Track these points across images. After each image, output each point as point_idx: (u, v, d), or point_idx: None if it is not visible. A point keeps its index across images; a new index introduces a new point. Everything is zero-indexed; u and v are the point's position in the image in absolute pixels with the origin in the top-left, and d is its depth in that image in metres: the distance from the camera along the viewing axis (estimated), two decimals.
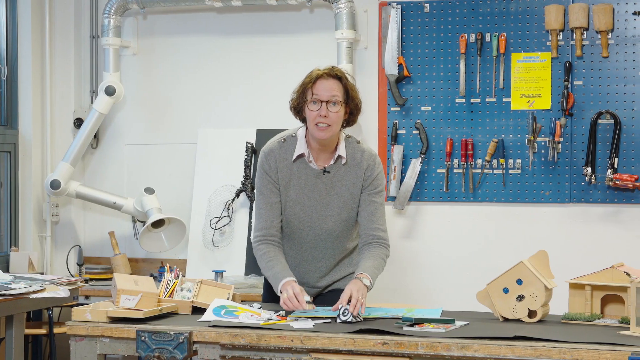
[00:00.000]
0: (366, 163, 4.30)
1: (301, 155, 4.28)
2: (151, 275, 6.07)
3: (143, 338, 3.74)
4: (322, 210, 4.29)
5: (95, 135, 6.75)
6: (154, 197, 6.45)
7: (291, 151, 4.29)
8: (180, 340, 3.69)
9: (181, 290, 4.19)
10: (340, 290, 4.18)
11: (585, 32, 5.92)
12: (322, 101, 4.15)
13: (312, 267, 4.39)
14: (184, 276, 4.28)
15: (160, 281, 4.24)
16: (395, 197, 6.19)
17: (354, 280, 4.08)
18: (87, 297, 6.06)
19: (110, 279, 4.99)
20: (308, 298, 4.08)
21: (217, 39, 6.67)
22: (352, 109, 4.25)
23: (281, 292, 4.14)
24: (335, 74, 4.20)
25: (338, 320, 3.85)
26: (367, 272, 4.14)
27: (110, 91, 6.48)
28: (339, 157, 4.28)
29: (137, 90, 6.78)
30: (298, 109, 4.26)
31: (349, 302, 3.92)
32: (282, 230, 4.36)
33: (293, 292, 4.07)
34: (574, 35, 5.90)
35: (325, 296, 4.43)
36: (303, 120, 4.28)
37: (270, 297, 4.39)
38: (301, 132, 4.31)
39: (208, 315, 3.94)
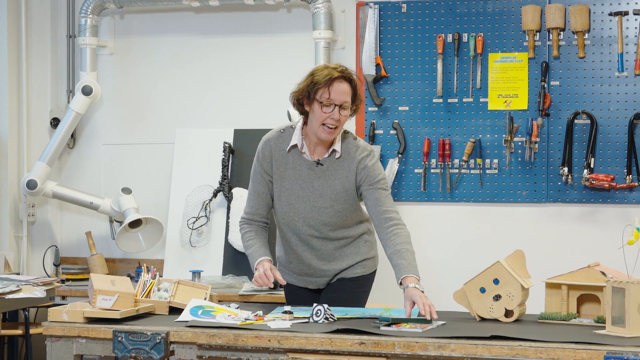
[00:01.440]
0: (359, 157, 4.34)
1: (295, 146, 4.33)
2: (128, 275, 6.04)
3: (120, 338, 3.73)
4: (315, 201, 4.33)
5: (72, 135, 6.72)
6: (131, 197, 6.43)
7: (287, 141, 4.35)
8: (157, 341, 3.69)
9: (158, 290, 4.19)
10: (348, 280, 4.38)
11: (561, 33, 5.94)
12: (335, 105, 4.20)
13: (313, 255, 4.41)
14: (161, 276, 4.27)
15: (137, 281, 4.23)
16: None
17: (407, 290, 4.00)
18: (63, 297, 6.03)
19: (87, 279, 4.97)
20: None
21: (195, 38, 6.66)
22: (354, 109, 4.32)
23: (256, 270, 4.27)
24: (348, 77, 4.25)
25: (311, 321, 3.85)
26: (412, 272, 4.08)
27: (87, 91, 6.46)
28: (334, 151, 4.32)
29: (114, 90, 6.76)
30: (301, 102, 4.28)
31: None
32: (280, 220, 4.41)
33: (263, 269, 4.19)
34: (551, 35, 5.93)
35: (333, 285, 4.46)
36: (302, 112, 4.33)
37: (291, 299, 4.51)
38: (299, 124, 4.37)
39: (185, 316, 3.93)
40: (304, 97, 4.26)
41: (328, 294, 4.43)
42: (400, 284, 4.06)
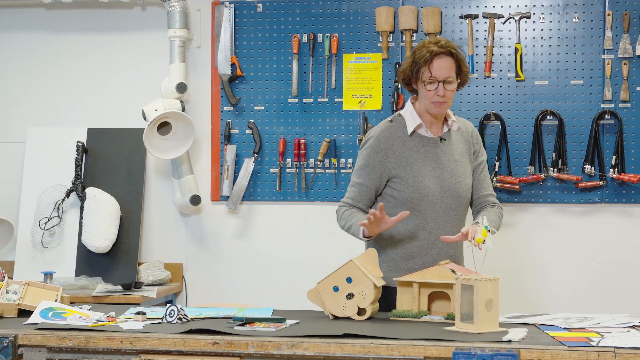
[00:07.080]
0: (470, 128, 4.48)
1: (419, 127, 4.33)
2: None
3: None
4: (449, 178, 4.33)
5: None
6: None
7: (402, 128, 4.34)
8: (5, 344, 3.61)
9: (7, 292, 4.10)
10: None
11: (414, 34, 6.04)
12: (439, 81, 4.22)
13: (441, 249, 4.31)
14: (10, 278, 4.19)
15: None
16: (228, 197, 6.18)
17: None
18: None
19: None
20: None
21: (46, 35, 6.53)
22: (462, 80, 4.34)
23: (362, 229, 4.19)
24: (449, 51, 4.25)
25: (164, 321, 3.83)
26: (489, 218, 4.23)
27: None
28: (453, 122, 4.38)
29: None
30: (408, 82, 4.34)
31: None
32: (408, 205, 4.28)
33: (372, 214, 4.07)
34: (404, 37, 6.02)
35: None
36: (412, 91, 4.38)
37: None
38: (408, 108, 4.37)
39: (35, 318, 3.86)
40: (410, 77, 4.30)
41: None
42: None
